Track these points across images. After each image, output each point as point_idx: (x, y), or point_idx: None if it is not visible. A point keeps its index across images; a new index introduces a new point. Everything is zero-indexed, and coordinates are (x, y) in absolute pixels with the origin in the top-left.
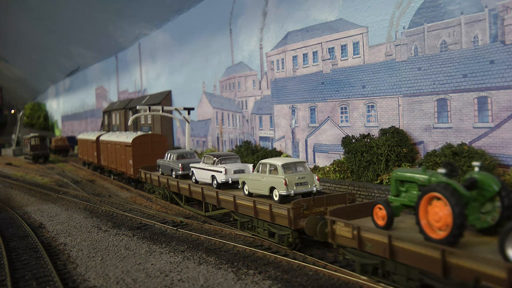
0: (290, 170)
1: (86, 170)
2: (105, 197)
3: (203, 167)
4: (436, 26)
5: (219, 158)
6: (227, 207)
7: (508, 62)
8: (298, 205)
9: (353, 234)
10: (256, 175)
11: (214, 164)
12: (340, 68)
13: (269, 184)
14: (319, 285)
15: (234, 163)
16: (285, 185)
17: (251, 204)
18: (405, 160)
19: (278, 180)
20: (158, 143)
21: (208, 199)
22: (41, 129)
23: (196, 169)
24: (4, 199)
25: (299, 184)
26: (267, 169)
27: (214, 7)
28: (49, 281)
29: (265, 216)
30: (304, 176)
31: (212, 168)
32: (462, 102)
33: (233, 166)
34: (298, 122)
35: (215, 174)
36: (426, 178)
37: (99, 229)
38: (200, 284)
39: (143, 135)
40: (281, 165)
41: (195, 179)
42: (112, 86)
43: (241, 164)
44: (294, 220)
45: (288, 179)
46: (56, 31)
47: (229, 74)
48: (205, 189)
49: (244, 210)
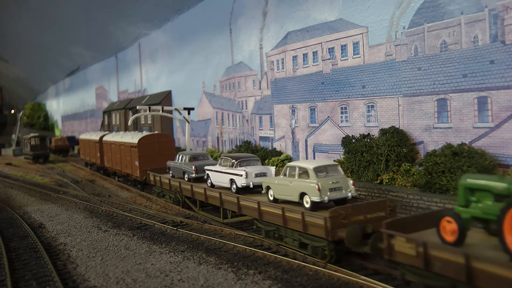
0: (322, 174)
1: (86, 170)
2: (105, 197)
3: (220, 170)
4: (436, 26)
5: (238, 160)
6: (249, 214)
7: (508, 62)
8: (336, 213)
9: (418, 251)
10: (283, 179)
11: (233, 166)
12: (340, 68)
13: (299, 189)
14: (319, 285)
15: (255, 166)
16: (318, 191)
17: (279, 212)
18: (405, 160)
19: (309, 185)
20: (165, 144)
21: (227, 204)
22: (41, 129)
23: (212, 172)
24: (4, 199)
25: (333, 190)
26: (295, 173)
27: (214, 7)
28: (49, 281)
29: (296, 225)
30: (338, 180)
31: (230, 171)
32: (462, 102)
33: (254, 169)
34: (298, 122)
35: (234, 178)
36: (505, 186)
37: (99, 229)
38: (200, 284)
39: (150, 135)
40: (313, 169)
41: (210, 183)
42: (112, 86)
43: (262, 167)
44: (331, 231)
45: (321, 184)
46: (56, 31)
47: (229, 74)
48: (223, 194)
49: (271, 218)
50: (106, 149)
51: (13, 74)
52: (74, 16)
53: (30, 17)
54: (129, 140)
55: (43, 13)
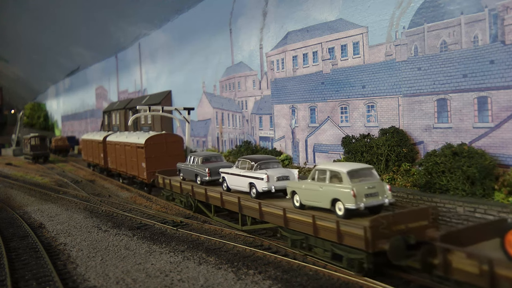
0: (357, 178)
1: (86, 170)
2: (105, 197)
3: (237, 172)
4: (436, 26)
5: (258, 162)
6: (273, 222)
7: (508, 62)
8: (377, 222)
9: (482, 269)
10: (311, 183)
11: (253, 169)
12: (340, 68)
13: (330, 195)
14: (319, 285)
15: (276, 168)
16: (354, 197)
17: (309, 220)
18: (405, 160)
19: (343, 190)
20: (173, 144)
21: (247, 211)
22: (41, 129)
23: (228, 175)
24: (4, 199)
25: (369, 195)
26: (326, 177)
27: (214, 7)
28: (49, 281)
29: (329, 235)
30: (374, 185)
31: (250, 175)
32: (462, 102)
33: (275, 172)
34: (298, 122)
35: (254, 182)
36: None
37: (99, 229)
38: (200, 284)
39: (157, 135)
40: (347, 172)
41: (226, 187)
42: (112, 86)
43: (284, 170)
44: (372, 242)
45: (357, 189)
46: (56, 31)
47: (229, 74)
48: (242, 199)
49: (299, 226)
50: (110, 150)
51: (13, 74)
52: (74, 16)
53: (30, 17)
54: (135, 140)
55: (43, 13)
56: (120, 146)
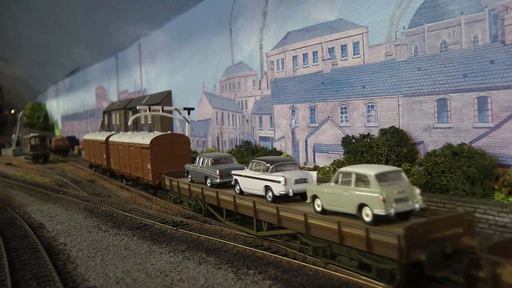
0: (385, 181)
1: (86, 170)
2: (105, 197)
3: (251, 175)
4: (436, 26)
5: (274, 164)
6: (292, 228)
7: (508, 62)
8: (412, 231)
9: None
10: (335, 187)
11: (269, 171)
12: (340, 68)
13: (356, 200)
14: (319, 285)
15: (293, 171)
16: (383, 202)
17: (334, 226)
18: (405, 160)
19: (371, 195)
20: (180, 144)
21: (263, 215)
22: (41, 129)
23: (241, 178)
24: (4, 199)
25: (399, 200)
26: (352, 180)
27: (214, 7)
28: (49, 281)
29: (357, 242)
30: (404, 189)
31: (265, 177)
32: (462, 102)
33: (293, 175)
34: (298, 122)
35: (270, 185)
36: None
37: (99, 229)
38: (200, 284)
39: (163, 135)
40: (375, 176)
41: (239, 190)
42: (112, 86)
43: (302, 172)
44: (406, 251)
45: (386, 194)
46: (56, 31)
47: (229, 74)
48: (258, 203)
49: (322, 232)
50: (113, 151)
51: (13, 74)
52: (74, 16)
53: (30, 17)
54: (140, 141)
55: (43, 13)
56: (123, 146)
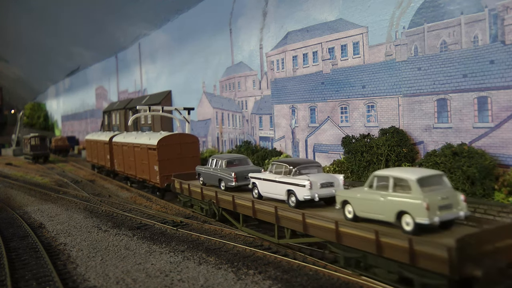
0: (427, 186)
1: (86, 170)
2: (105, 197)
3: (272, 178)
4: (436, 26)
5: (297, 166)
6: (320, 236)
7: (508, 62)
8: (465, 243)
9: None
10: (369, 192)
11: (291, 174)
12: (340, 68)
13: (395, 207)
14: (319, 285)
15: (318, 174)
16: (427, 210)
17: (371, 236)
18: (405, 160)
19: (413, 201)
20: (189, 145)
21: (286, 222)
22: (41, 129)
23: (260, 181)
24: (4, 199)
25: (443, 208)
26: (389, 185)
27: (214, 7)
28: (49, 281)
29: (398, 254)
30: (447, 195)
31: (288, 181)
32: (462, 102)
33: (318, 178)
34: (298, 122)
35: (294, 189)
36: None
37: (99, 229)
38: (200, 284)
39: (171, 136)
40: (417, 180)
41: (257, 193)
42: (112, 86)
43: (327, 175)
44: (458, 266)
45: (430, 201)
46: (56, 31)
47: (229, 74)
48: (280, 209)
49: (356, 242)
50: (117, 151)
51: (13, 74)
52: (74, 16)
53: (30, 18)
54: (146, 141)
55: (43, 13)
56: (128, 147)
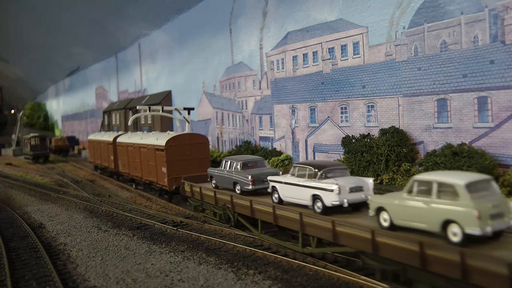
0: (476, 192)
1: (86, 170)
2: (105, 197)
3: (295, 182)
4: (436, 26)
5: (323, 169)
6: (353, 246)
7: (508, 62)
8: None
9: None
10: (409, 199)
11: (317, 178)
12: (340, 68)
13: (441, 215)
14: (319, 285)
15: (346, 177)
16: (478, 219)
17: (414, 248)
18: (405, 160)
19: (461, 210)
20: (198, 146)
21: (312, 230)
22: (41, 129)
23: (281, 185)
24: (4, 199)
25: (494, 216)
26: (432, 190)
27: (214, 7)
28: (49, 281)
29: (447, 269)
30: (499, 203)
31: (314, 185)
32: (462, 102)
33: (347, 182)
34: (298, 122)
35: (320, 194)
36: None
37: (99, 229)
38: (200, 284)
39: (179, 136)
40: (465, 186)
41: (278, 198)
42: (112, 86)
43: (356, 178)
44: None
45: (481, 209)
46: (57, 31)
47: (229, 74)
48: (305, 215)
49: (395, 254)
50: (122, 152)
51: (13, 74)
52: (74, 16)
53: (30, 18)
54: (153, 141)
55: (43, 13)
56: (134, 148)
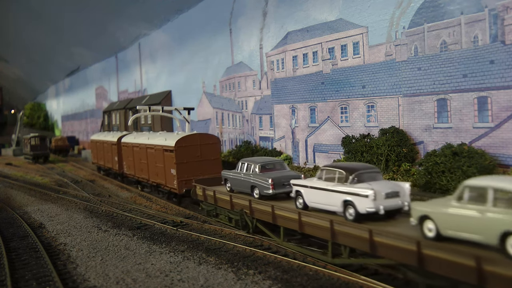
0: None
1: (86, 170)
2: (105, 197)
3: (323, 186)
4: (436, 26)
5: (355, 173)
6: (394, 258)
7: (508, 62)
8: None
9: None
10: (459, 207)
11: (348, 182)
12: (340, 68)
13: (498, 226)
14: (319, 285)
15: (380, 181)
16: None
17: (470, 263)
18: (405, 160)
19: None
20: (209, 146)
21: (345, 239)
22: (41, 129)
23: (306, 189)
24: (4, 199)
25: None
26: (488, 197)
27: (214, 7)
28: (49, 281)
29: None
30: None
31: (345, 190)
32: (462, 102)
33: (382, 187)
34: (298, 122)
35: (353, 200)
36: None
37: (99, 229)
38: (200, 284)
39: (190, 136)
40: None
41: (303, 204)
42: (112, 86)
43: (391, 183)
44: None
45: None
46: (56, 31)
47: (229, 74)
48: (337, 223)
49: (444, 268)
50: (127, 153)
51: (13, 74)
52: (74, 16)
53: (30, 17)
54: (162, 142)
55: (43, 13)
56: (140, 148)
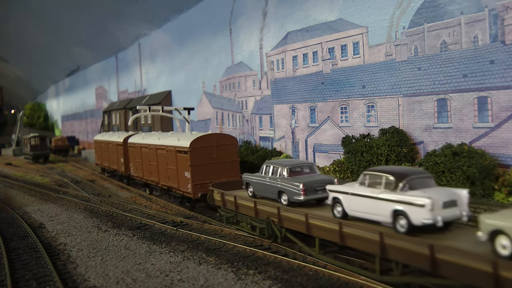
0: None
1: (86, 170)
2: (105, 197)
3: (367, 193)
4: (436, 26)
5: (406, 178)
6: (461, 280)
7: (508, 62)
8: None
9: None
10: None
11: (398, 189)
12: (340, 68)
13: None
14: (319, 285)
15: (433, 188)
16: None
17: None
18: (405, 160)
19: None
20: (226, 148)
21: (398, 254)
22: (41, 129)
23: (346, 196)
24: (4, 199)
25: None
26: None
27: (214, 7)
28: (49, 281)
29: None
30: None
31: (396, 198)
32: (462, 102)
33: (439, 195)
34: (298, 122)
35: (405, 209)
36: None
37: (99, 229)
38: (200, 284)
39: (205, 136)
40: None
41: (342, 212)
42: (112, 86)
43: (446, 190)
44: None
45: None
46: (56, 31)
47: (229, 74)
48: (387, 237)
49: None
50: (134, 154)
51: (13, 74)
52: (74, 16)
53: (30, 17)
54: (175, 143)
55: (43, 13)
56: (150, 149)
